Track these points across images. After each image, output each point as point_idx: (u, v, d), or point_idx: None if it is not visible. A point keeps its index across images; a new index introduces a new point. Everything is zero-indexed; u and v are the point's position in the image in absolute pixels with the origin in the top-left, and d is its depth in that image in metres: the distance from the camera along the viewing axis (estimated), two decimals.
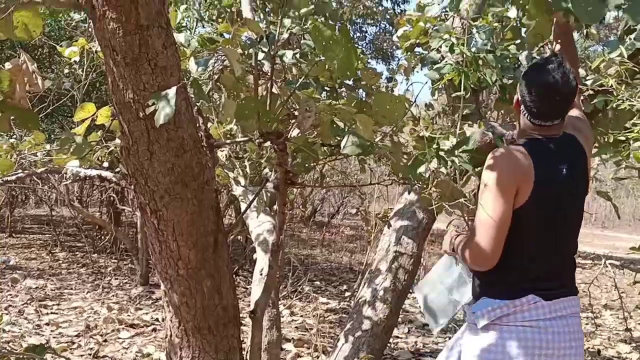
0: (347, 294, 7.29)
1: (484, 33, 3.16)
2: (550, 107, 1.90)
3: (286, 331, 5.23)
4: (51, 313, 5.61)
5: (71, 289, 6.66)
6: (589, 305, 5.72)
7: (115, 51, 1.74)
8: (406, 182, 3.15)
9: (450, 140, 2.91)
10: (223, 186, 4.01)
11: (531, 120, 1.94)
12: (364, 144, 2.11)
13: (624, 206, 16.74)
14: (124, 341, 4.90)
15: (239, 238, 8.26)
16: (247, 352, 2.49)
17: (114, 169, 3.39)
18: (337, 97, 3.04)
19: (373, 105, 2.25)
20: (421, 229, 3.74)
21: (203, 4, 5.46)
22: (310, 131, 2.36)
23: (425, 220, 3.76)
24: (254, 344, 2.40)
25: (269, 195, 3.23)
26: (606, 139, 3.16)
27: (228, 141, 2.53)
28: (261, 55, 2.94)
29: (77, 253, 8.65)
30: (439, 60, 3.74)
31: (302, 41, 3.90)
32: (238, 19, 4.50)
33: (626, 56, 2.78)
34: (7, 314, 5.25)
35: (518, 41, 3.17)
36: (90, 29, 2.42)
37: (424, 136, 2.88)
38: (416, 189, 3.48)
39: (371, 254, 5.78)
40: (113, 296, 6.42)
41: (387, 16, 16.53)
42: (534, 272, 1.96)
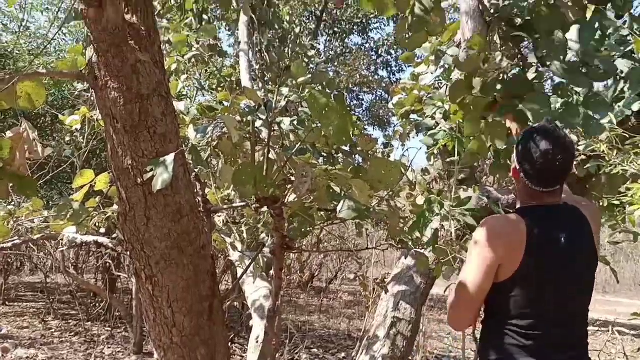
0: None
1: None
2: (551, 172, 1.87)
3: None
4: None
5: (63, 358, 6.50)
6: None
7: (116, 119, 1.78)
8: (403, 246, 3.15)
9: (446, 204, 2.94)
10: (220, 251, 4.00)
11: (532, 187, 1.91)
12: (360, 209, 2.13)
13: (624, 271, 16.58)
14: None
15: (236, 304, 8.13)
16: None
17: (111, 235, 3.39)
18: (334, 163, 3.08)
19: (369, 171, 2.28)
20: (419, 294, 3.70)
21: (203, 74, 5.61)
22: (306, 196, 2.38)
23: (423, 285, 3.73)
24: None
25: (265, 260, 3.22)
26: (601, 204, 3.19)
27: (225, 206, 2.55)
28: (259, 123, 3.01)
29: (70, 321, 8.48)
30: (433, 127, 3.82)
31: (300, 109, 3.99)
32: (237, 88, 4.62)
33: (616, 122, 2.84)
34: None
35: None
36: (92, 98, 2.48)
37: (425, 198, 2.91)
38: (413, 253, 3.47)
39: (369, 320, 5.68)
40: None
41: (383, 85, 16.97)
42: (531, 347, 1.85)
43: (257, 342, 3.00)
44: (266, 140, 2.35)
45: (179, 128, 1.96)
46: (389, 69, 17.10)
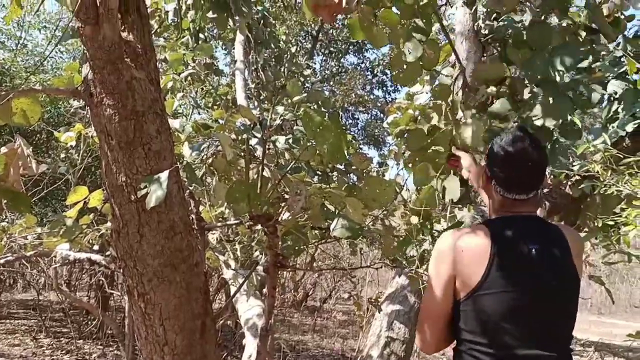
0: None
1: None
2: (522, 176, 1.77)
3: None
4: None
5: None
6: None
7: (110, 136, 1.79)
8: (397, 265, 3.15)
9: (441, 224, 2.95)
10: (213, 269, 3.98)
11: (504, 195, 1.80)
12: (354, 227, 2.13)
13: (620, 292, 16.54)
14: None
15: (229, 323, 8.08)
16: None
17: (104, 252, 3.37)
18: (328, 181, 3.09)
19: (363, 189, 2.29)
20: (413, 313, 3.69)
21: (199, 92, 5.64)
22: (300, 214, 2.38)
23: (417, 305, 3.71)
24: None
25: (259, 278, 3.21)
26: (595, 224, 3.20)
27: (219, 224, 2.55)
28: (254, 141, 3.02)
29: (62, 339, 8.40)
30: None
31: (295, 127, 4.01)
32: (233, 106, 4.64)
33: (610, 143, 2.87)
34: None
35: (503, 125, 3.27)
36: (87, 115, 2.49)
37: (415, 218, 2.91)
38: (407, 272, 3.46)
39: (363, 339, 5.65)
40: None
41: (378, 104, 17.07)
42: None
43: None
44: (261, 158, 2.36)
45: (173, 145, 1.97)
46: (384, 88, 17.20)
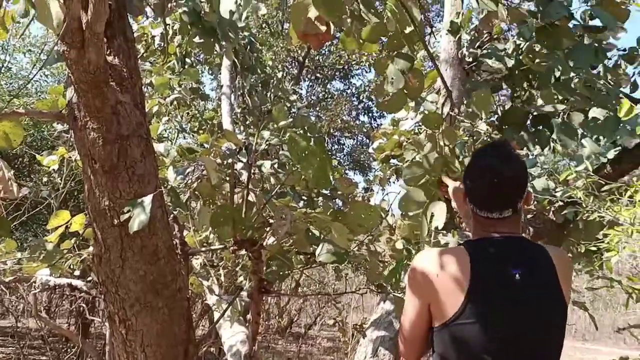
0: None
1: (457, 146, 3.28)
2: (492, 192, 1.64)
3: None
4: None
5: None
6: None
7: (94, 159, 1.77)
8: (382, 291, 3.14)
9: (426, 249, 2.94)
10: (197, 295, 3.93)
11: (477, 213, 1.67)
12: (339, 252, 2.13)
13: (603, 318, 16.55)
14: None
15: (212, 349, 7.95)
16: None
17: (86, 277, 3.32)
18: (314, 206, 3.08)
19: (348, 214, 2.28)
20: (398, 339, 3.66)
21: (185, 117, 5.64)
22: (285, 239, 2.37)
23: None
24: None
25: (243, 304, 3.18)
26: (578, 250, 3.22)
27: (203, 249, 2.53)
28: (240, 165, 3.02)
29: None
30: None
31: (280, 152, 4.02)
32: (218, 131, 4.64)
33: (591, 170, 2.90)
34: None
35: None
36: (71, 139, 2.47)
37: (400, 244, 2.91)
38: (392, 298, 3.45)
39: None
40: None
41: (364, 130, 17.15)
42: None
43: None
44: (246, 182, 2.36)
45: (157, 169, 1.96)
46: (370, 114, 17.31)
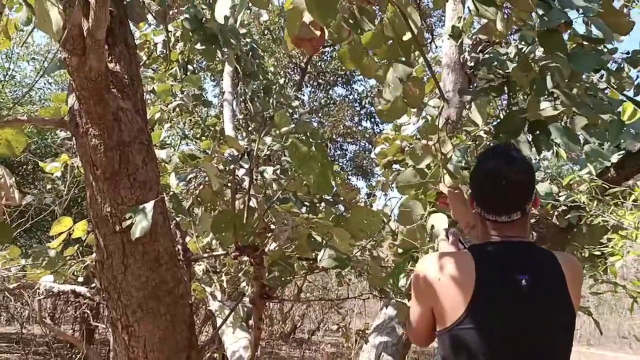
0: None
1: (459, 151, 3.28)
2: (498, 195, 1.62)
3: None
4: None
5: None
6: None
7: (96, 166, 1.78)
8: (385, 296, 3.13)
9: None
10: (199, 301, 3.93)
11: (485, 216, 1.65)
12: (341, 257, 2.12)
13: (608, 323, 16.46)
14: None
15: (215, 356, 7.94)
16: None
17: (90, 284, 3.32)
18: (316, 212, 3.08)
19: (350, 220, 2.28)
20: (401, 345, 3.65)
21: (187, 123, 5.65)
22: (287, 244, 2.37)
23: (405, 336, 3.68)
24: None
25: (246, 310, 3.17)
26: (582, 254, 3.21)
27: (205, 255, 2.53)
28: (242, 171, 3.02)
29: None
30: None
31: (283, 158, 4.02)
32: (220, 137, 4.65)
33: (595, 174, 2.89)
34: None
35: None
36: (74, 146, 2.48)
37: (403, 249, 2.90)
38: (395, 303, 3.44)
39: None
40: None
41: (366, 135, 17.16)
42: None
43: None
44: (247, 188, 2.36)
45: (159, 176, 1.96)
46: (373, 119, 17.30)
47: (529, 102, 2.34)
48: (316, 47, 1.80)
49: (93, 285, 3.20)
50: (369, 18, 1.84)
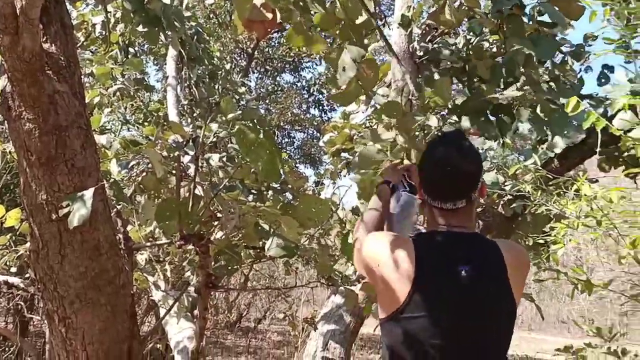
0: None
1: (401, 137, 3.29)
2: (446, 183, 1.64)
3: None
4: None
5: None
6: None
7: (30, 151, 1.69)
8: (332, 284, 3.13)
9: None
10: (142, 291, 3.84)
11: (431, 203, 1.66)
12: (289, 246, 2.10)
13: (549, 308, 17.12)
14: None
15: (158, 346, 7.81)
16: None
17: (23, 274, 3.19)
18: (263, 200, 3.04)
19: (298, 208, 2.25)
20: (349, 333, 3.67)
21: (129, 108, 5.47)
22: (234, 233, 2.32)
23: (353, 324, 3.70)
24: None
25: (190, 300, 3.11)
26: (526, 242, 3.29)
27: (148, 244, 2.45)
28: (187, 158, 2.94)
29: None
30: None
31: (229, 145, 3.95)
32: (164, 123, 4.53)
33: (539, 164, 2.96)
34: None
35: None
36: (6, 130, 2.36)
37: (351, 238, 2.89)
38: (342, 291, 3.45)
39: None
40: None
41: (315, 123, 17.15)
42: None
43: None
44: (193, 175, 2.29)
45: (99, 162, 1.88)
46: (321, 107, 17.29)
47: (488, 88, 2.37)
48: (268, 30, 1.76)
49: (27, 275, 3.07)
50: (318, 1, 1.81)
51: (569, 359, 2.96)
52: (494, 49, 2.84)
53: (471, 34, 3.04)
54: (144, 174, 2.53)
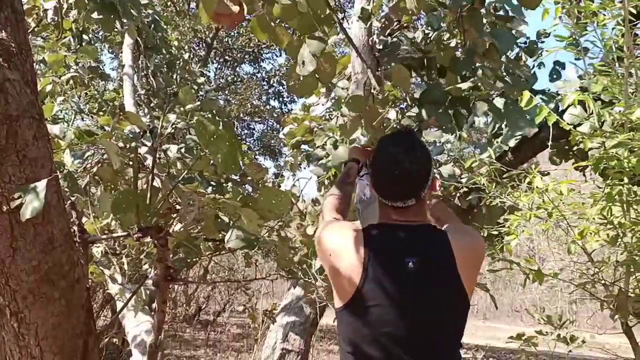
0: None
1: (366, 130, 3.31)
2: (394, 183, 1.65)
3: None
4: None
5: None
6: None
7: None
8: (292, 276, 3.14)
9: None
10: (98, 284, 3.76)
11: (382, 200, 1.70)
12: (249, 238, 2.09)
13: (503, 297, 17.58)
14: None
15: (115, 340, 7.69)
16: None
17: None
18: (222, 192, 3.02)
19: (258, 200, 2.25)
20: (309, 324, 3.69)
21: (83, 97, 5.34)
22: (193, 225, 2.30)
23: (313, 316, 3.72)
24: None
25: (148, 293, 3.07)
26: (481, 233, 3.37)
27: (104, 236, 2.41)
28: (144, 149, 2.89)
29: None
30: (323, 157, 3.88)
31: (187, 136, 3.90)
32: (120, 113, 4.44)
33: (494, 157, 3.03)
34: None
35: None
36: None
37: (311, 229, 2.91)
38: (302, 283, 3.46)
39: (258, 352, 5.58)
40: None
41: (275, 115, 17.09)
42: None
43: None
44: (150, 167, 2.26)
45: (52, 152, 1.83)
46: (281, 99, 17.24)
47: (448, 79, 2.40)
48: (235, 22, 1.75)
49: None
50: None
51: (521, 346, 3.05)
52: (452, 43, 2.89)
53: (429, 28, 3.08)
54: (100, 165, 2.47)
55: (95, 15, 3.29)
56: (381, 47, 3.32)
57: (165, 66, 5.46)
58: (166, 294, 2.25)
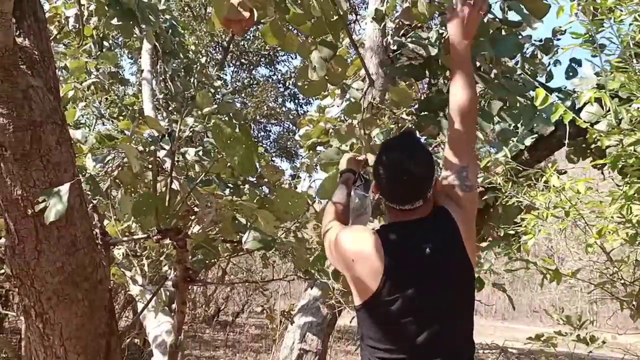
0: None
1: (382, 134, 3.32)
2: (400, 188, 1.70)
3: None
4: None
5: None
6: None
7: (4, 147, 1.68)
8: (309, 277, 3.16)
9: None
10: (119, 286, 3.82)
11: (388, 204, 1.75)
12: (266, 239, 2.12)
13: (521, 298, 17.42)
14: None
15: (136, 341, 7.77)
16: None
17: None
18: (240, 194, 3.05)
19: (275, 202, 2.28)
20: (326, 325, 3.71)
21: (104, 102, 5.42)
22: (211, 227, 2.34)
23: (330, 316, 3.74)
24: None
25: (168, 294, 3.11)
26: (497, 233, 3.35)
27: (125, 238, 2.45)
28: (163, 152, 2.94)
29: None
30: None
31: (205, 139, 3.94)
32: (140, 117, 4.50)
33: (510, 157, 3.02)
34: None
35: None
36: None
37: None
38: (319, 284, 3.48)
39: (276, 353, 5.61)
40: None
41: (291, 116, 17.13)
42: None
43: None
44: (169, 170, 2.30)
45: (74, 157, 1.88)
46: (297, 100, 17.27)
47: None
48: (245, 28, 1.78)
49: (2, 271, 3.04)
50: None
51: (540, 347, 3.03)
52: None
53: (444, 28, 3.08)
54: (120, 168, 2.52)
55: (114, 21, 3.35)
56: (395, 47, 3.33)
57: (182, 70, 5.52)
58: (185, 295, 2.29)
